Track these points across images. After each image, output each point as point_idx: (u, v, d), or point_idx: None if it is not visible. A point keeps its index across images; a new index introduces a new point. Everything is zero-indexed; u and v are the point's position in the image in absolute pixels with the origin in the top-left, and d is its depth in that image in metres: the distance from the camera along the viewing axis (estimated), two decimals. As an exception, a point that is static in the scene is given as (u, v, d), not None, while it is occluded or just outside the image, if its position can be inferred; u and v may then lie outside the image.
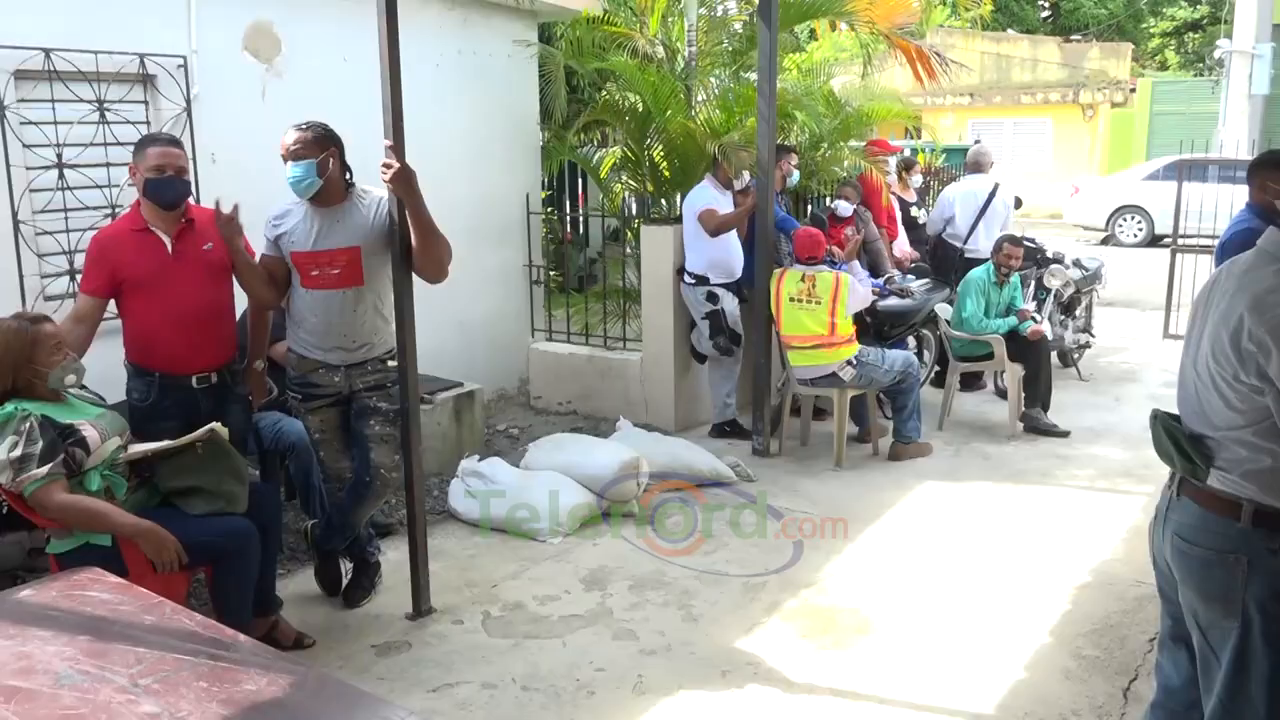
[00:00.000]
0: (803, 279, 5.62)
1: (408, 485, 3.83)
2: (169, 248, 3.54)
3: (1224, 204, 8.22)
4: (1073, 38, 25.91)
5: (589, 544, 4.59)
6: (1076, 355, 7.81)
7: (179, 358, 3.58)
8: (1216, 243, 4.11)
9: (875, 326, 6.23)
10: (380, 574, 4.13)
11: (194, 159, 4.67)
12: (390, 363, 3.79)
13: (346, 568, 4.09)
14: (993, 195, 7.40)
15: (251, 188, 3.99)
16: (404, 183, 3.50)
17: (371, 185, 3.72)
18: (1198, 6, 28.75)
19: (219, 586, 3.30)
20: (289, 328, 3.80)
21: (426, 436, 4.63)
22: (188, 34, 4.85)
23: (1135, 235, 16.73)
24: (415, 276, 3.73)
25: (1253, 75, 13.83)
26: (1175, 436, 2.22)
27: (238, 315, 3.85)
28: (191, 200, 3.73)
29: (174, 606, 2.13)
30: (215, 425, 3.36)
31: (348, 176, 3.68)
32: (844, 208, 6.86)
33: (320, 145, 3.53)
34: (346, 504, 3.84)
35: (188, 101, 4.82)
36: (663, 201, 7.42)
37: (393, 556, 4.29)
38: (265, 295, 3.72)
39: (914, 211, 8.13)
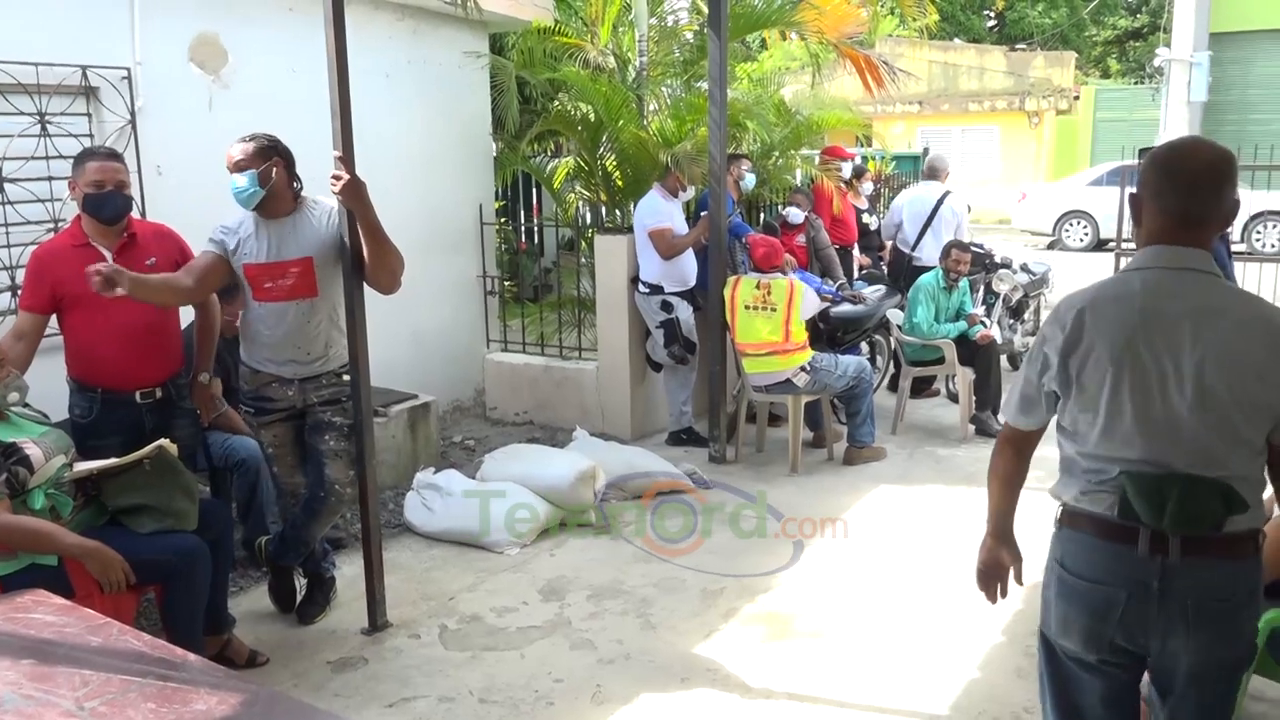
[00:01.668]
0: (758, 286, 5.66)
1: (362, 499, 3.80)
2: (110, 262, 3.48)
3: (1165, 208, 8.38)
4: (1018, 46, 26.39)
5: (546, 554, 4.58)
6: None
7: (121, 373, 3.53)
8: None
9: (828, 333, 6.29)
10: (335, 589, 4.08)
11: (139, 172, 4.61)
12: (345, 377, 3.75)
13: (301, 583, 4.05)
14: (940, 203, 7.51)
15: (198, 200, 3.94)
16: (353, 194, 3.48)
17: (323, 196, 3.69)
18: (1138, 16, 29.45)
19: (169, 606, 3.24)
20: (243, 343, 3.75)
21: (381, 449, 4.60)
22: (132, 46, 4.78)
23: (1081, 240, 17.09)
24: (368, 287, 3.70)
25: (1191, 82, 14.17)
26: (1226, 492, 1.92)
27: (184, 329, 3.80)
28: (135, 214, 3.67)
29: (121, 627, 2.09)
30: (163, 442, 3.31)
31: (296, 186, 3.65)
32: (795, 214, 6.93)
33: (263, 156, 3.50)
34: (301, 519, 3.80)
35: (132, 114, 4.75)
36: (616, 211, 7.44)
37: (348, 571, 4.25)
38: (174, 299, 3.59)
39: (865, 218, 8.23)
